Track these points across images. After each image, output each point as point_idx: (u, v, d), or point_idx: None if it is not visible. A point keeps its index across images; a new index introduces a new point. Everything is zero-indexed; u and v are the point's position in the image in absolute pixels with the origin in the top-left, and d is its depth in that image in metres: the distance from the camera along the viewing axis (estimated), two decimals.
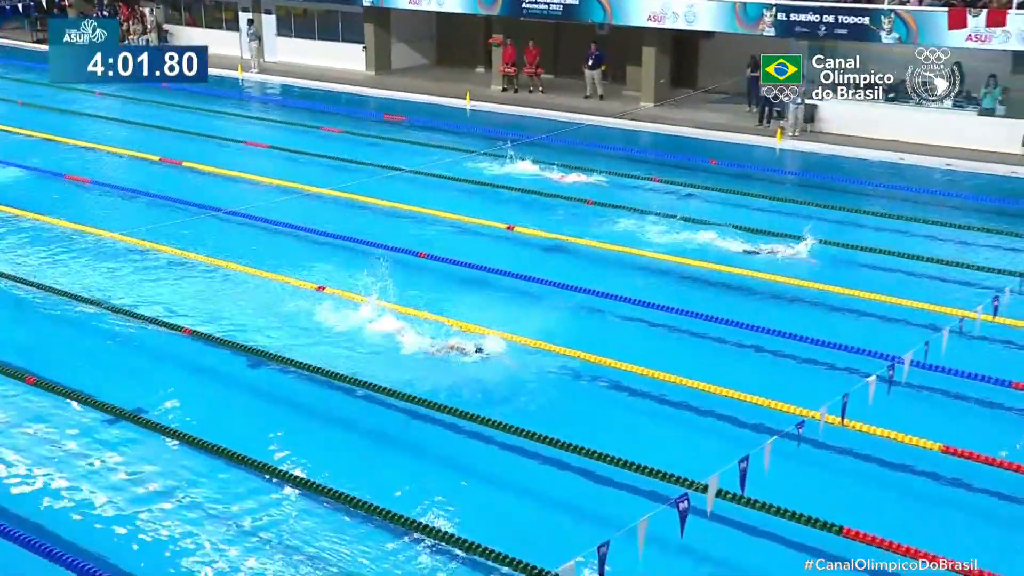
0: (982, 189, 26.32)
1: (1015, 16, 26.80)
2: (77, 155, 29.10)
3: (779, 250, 21.40)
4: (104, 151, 29.54)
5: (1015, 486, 12.99)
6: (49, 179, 26.54)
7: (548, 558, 10.85)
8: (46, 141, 30.48)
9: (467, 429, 14.38)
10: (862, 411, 13.46)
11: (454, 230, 22.93)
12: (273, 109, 36.92)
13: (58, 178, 26.48)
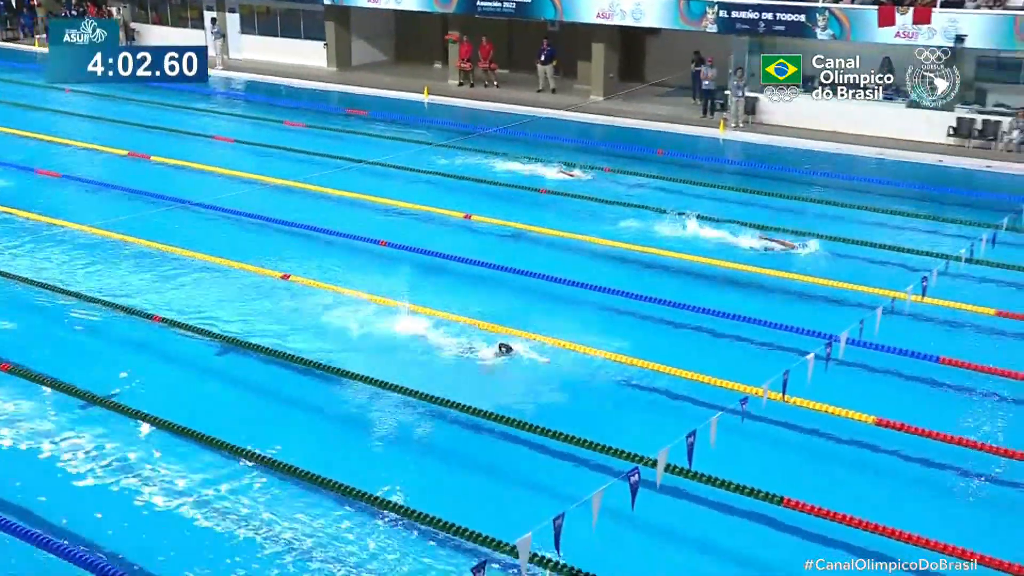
0: (911, 176, 26.57)
1: (939, 14, 27.07)
2: (48, 150, 28.76)
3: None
4: (74, 146, 29.19)
5: (944, 455, 13.20)
6: (20, 174, 26.21)
7: (506, 531, 10.92)
8: (16, 137, 30.07)
9: (420, 408, 14.43)
10: (801, 387, 13.59)
11: (414, 219, 22.90)
12: (238, 104, 36.68)
13: (29, 172, 26.18)
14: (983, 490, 12.68)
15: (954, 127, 28.39)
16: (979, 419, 14.30)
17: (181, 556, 11.37)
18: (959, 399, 14.88)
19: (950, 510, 12.26)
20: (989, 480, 12.82)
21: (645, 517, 11.29)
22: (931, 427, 13.53)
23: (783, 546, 11.70)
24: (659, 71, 35.88)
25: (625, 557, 11.24)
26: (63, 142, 29.54)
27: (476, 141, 29.37)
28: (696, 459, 11.48)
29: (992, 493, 12.63)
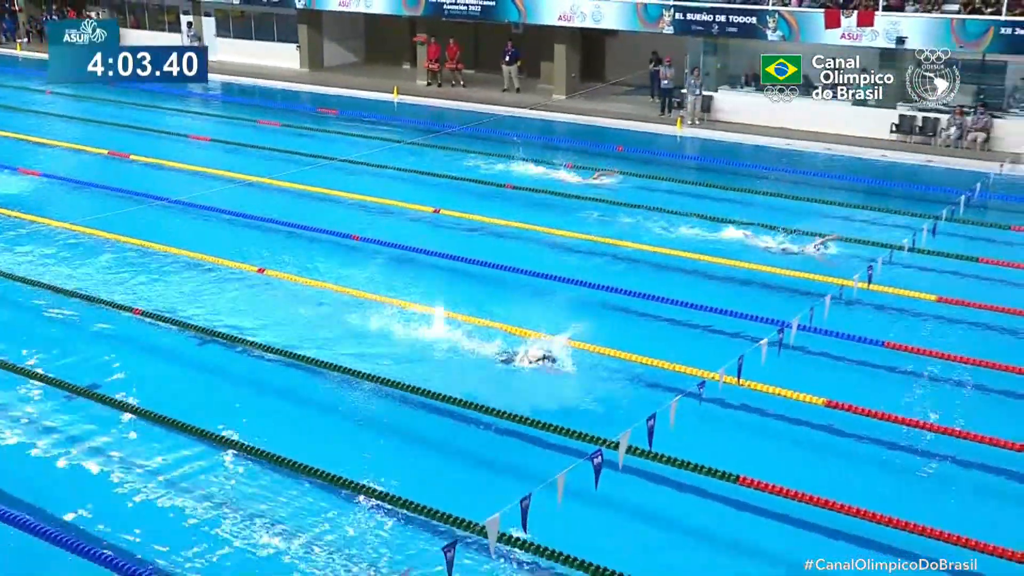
0: (857, 171, 26.73)
1: (881, 17, 27.26)
2: (29, 150, 28.47)
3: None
4: (56, 146, 28.91)
5: (889, 434, 13.33)
6: (2, 173, 25.93)
7: (475, 511, 10.94)
8: None
9: (391, 395, 14.44)
10: (756, 371, 13.70)
11: (384, 213, 22.85)
12: (214, 105, 36.44)
13: (11, 171, 25.92)
14: (926, 465, 12.80)
15: (896, 124, 28.60)
16: (922, 400, 14.42)
17: (164, 540, 11.33)
18: (903, 381, 14.99)
19: (896, 486, 12.37)
20: (931, 456, 12.95)
21: (608, 496, 11.35)
22: (877, 408, 13.64)
23: (739, 521, 11.79)
24: (618, 71, 35.93)
25: (589, 534, 11.25)
26: (45, 142, 29.26)
27: (444, 139, 29.33)
28: (656, 440, 11.55)
29: (934, 468, 12.75)
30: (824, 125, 29.29)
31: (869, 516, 11.39)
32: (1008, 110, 27.62)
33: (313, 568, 10.91)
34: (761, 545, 11.41)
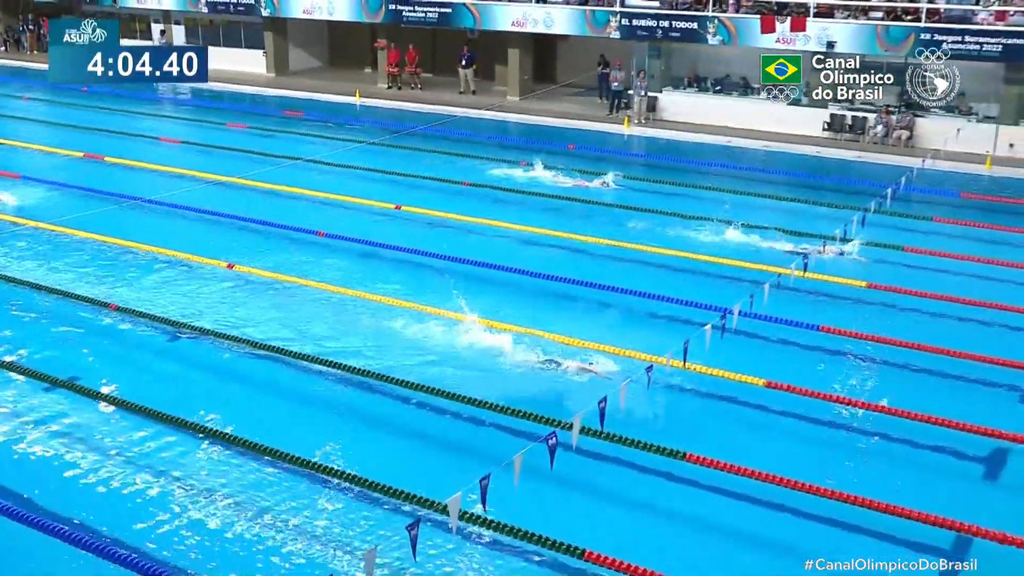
0: (793, 166, 26.90)
1: (812, 23, 27.42)
2: (7, 154, 27.97)
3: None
4: (33, 149, 28.43)
5: (824, 412, 13.42)
6: None
7: (438, 491, 10.88)
8: None
9: (356, 382, 14.38)
10: (700, 355, 13.74)
11: (348, 210, 22.69)
12: (184, 108, 36.02)
13: None
14: (858, 441, 12.90)
15: (828, 122, 28.81)
16: (854, 379, 14.53)
17: (141, 523, 11.22)
18: (837, 362, 15.11)
19: (831, 459, 12.43)
20: (862, 432, 13.05)
21: (563, 475, 11.32)
22: (813, 387, 13.77)
23: (685, 496, 11.83)
24: (569, 73, 35.91)
25: (545, 511, 11.24)
26: (22, 146, 28.77)
27: (404, 139, 29.19)
28: (608, 421, 11.56)
29: (865, 442, 12.85)
30: (761, 123, 29.45)
31: (805, 487, 11.47)
32: (929, 110, 27.88)
33: (282, 547, 10.83)
34: (704, 515, 11.50)
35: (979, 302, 16.93)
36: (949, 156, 25.82)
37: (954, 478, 12.25)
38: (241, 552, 10.79)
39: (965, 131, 26.62)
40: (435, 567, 10.47)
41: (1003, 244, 20.06)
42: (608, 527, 11.26)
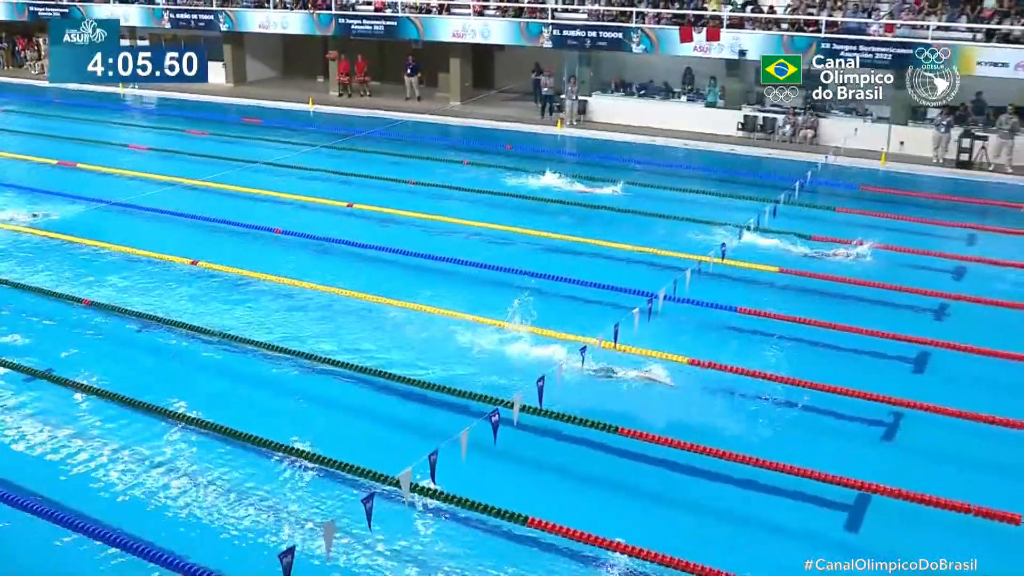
0: (710, 163, 27.10)
1: (726, 33, 27.61)
2: None
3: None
4: (8, 158, 27.69)
5: (742, 385, 13.55)
6: None
7: (389, 466, 10.83)
8: None
9: (317, 369, 14.24)
10: (629, 336, 13.80)
11: (304, 209, 22.44)
12: (150, 117, 35.37)
13: None
14: (772, 410, 13.05)
15: (742, 123, 29.04)
16: (769, 355, 14.67)
17: (117, 505, 11.08)
18: (754, 340, 15.26)
19: (749, 428, 12.54)
20: (776, 403, 13.20)
21: (506, 449, 11.33)
22: (732, 363, 13.89)
23: (619, 466, 11.91)
24: (506, 80, 35.88)
25: (490, 483, 11.24)
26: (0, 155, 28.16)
27: (355, 142, 28.97)
28: (546, 399, 11.58)
29: (779, 413, 13.01)
30: (682, 124, 29.60)
31: (726, 455, 11.58)
32: (830, 111, 28.22)
33: (245, 522, 10.74)
34: (634, 482, 11.59)
35: (877, 283, 17.20)
36: (849, 153, 26.16)
37: (856, 441, 12.45)
38: (206, 527, 10.70)
39: (862, 130, 26.99)
40: (390, 537, 10.45)
41: (897, 231, 20.37)
42: (549, 496, 11.29)
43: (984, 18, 25.31)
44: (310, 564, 9.86)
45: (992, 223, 21.12)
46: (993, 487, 11.10)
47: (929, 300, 16.69)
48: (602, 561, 10.11)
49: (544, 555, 10.25)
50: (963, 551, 10.19)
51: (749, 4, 28.38)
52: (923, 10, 26.14)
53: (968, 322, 15.84)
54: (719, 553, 10.03)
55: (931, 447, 12.26)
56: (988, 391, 13.36)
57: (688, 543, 10.21)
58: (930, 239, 19.90)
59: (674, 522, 10.89)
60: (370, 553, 10.25)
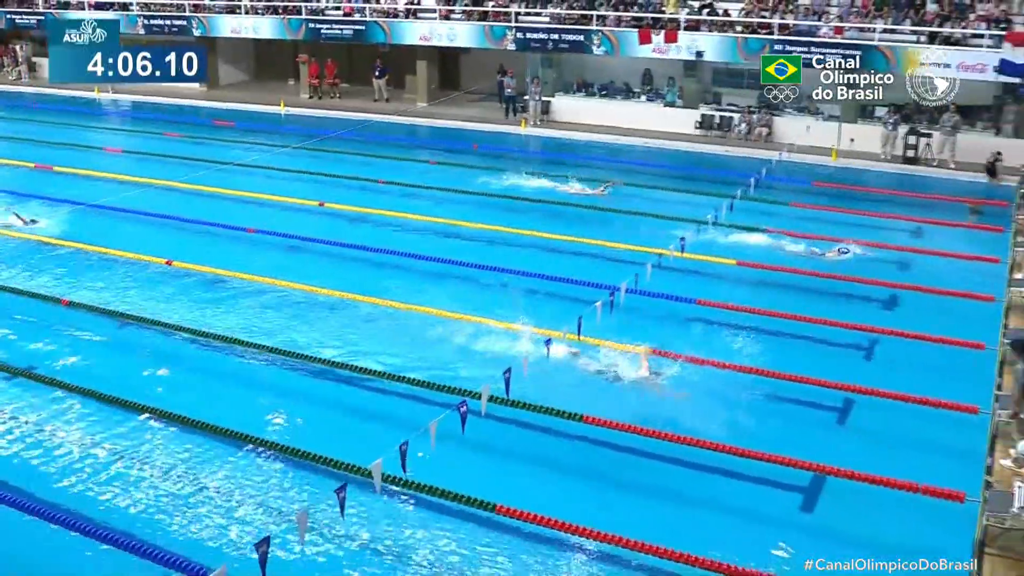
0: (669, 160, 27.16)
1: (683, 35, 27.68)
2: None
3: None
4: None
5: (702, 374, 13.59)
6: None
7: (361, 457, 10.79)
8: None
9: (284, 363, 14.16)
10: (592, 328, 13.83)
11: (276, 209, 22.27)
12: (125, 121, 34.95)
13: None
14: (731, 397, 13.06)
15: (699, 121, 29.14)
16: (727, 344, 14.75)
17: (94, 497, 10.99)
18: (712, 330, 15.35)
19: (709, 414, 12.49)
20: (735, 389, 13.25)
21: (474, 439, 11.31)
22: (692, 352, 13.94)
23: (583, 453, 11.94)
24: (471, 81, 35.81)
25: (460, 472, 11.22)
26: None
27: (325, 143, 28.82)
28: (512, 389, 11.58)
29: (737, 399, 13.04)
30: (642, 123, 29.65)
31: (686, 440, 11.64)
32: (783, 110, 28.40)
33: (220, 513, 10.69)
34: (598, 468, 11.64)
35: (830, 274, 17.35)
36: (801, 150, 26.32)
37: (811, 425, 12.56)
38: (183, 518, 10.63)
39: (814, 128, 27.18)
40: (362, 525, 10.42)
41: (848, 224, 20.53)
42: (516, 483, 11.31)
43: (927, 21, 25.58)
44: (286, 553, 9.81)
45: (937, 216, 21.35)
46: (939, 467, 11.23)
47: (879, 290, 16.86)
48: (569, 546, 10.14)
49: (513, 541, 10.26)
50: (911, 528, 10.35)
51: (705, 7, 28.48)
52: (870, 13, 26.36)
53: (915, 310, 16.02)
54: (681, 535, 10.07)
55: (881, 430, 12.40)
56: (934, 376, 13.52)
57: (651, 526, 10.26)
58: (879, 231, 20.08)
59: (638, 507, 10.92)
60: (343, 541, 10.22)
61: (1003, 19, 24.68)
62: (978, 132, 25.69)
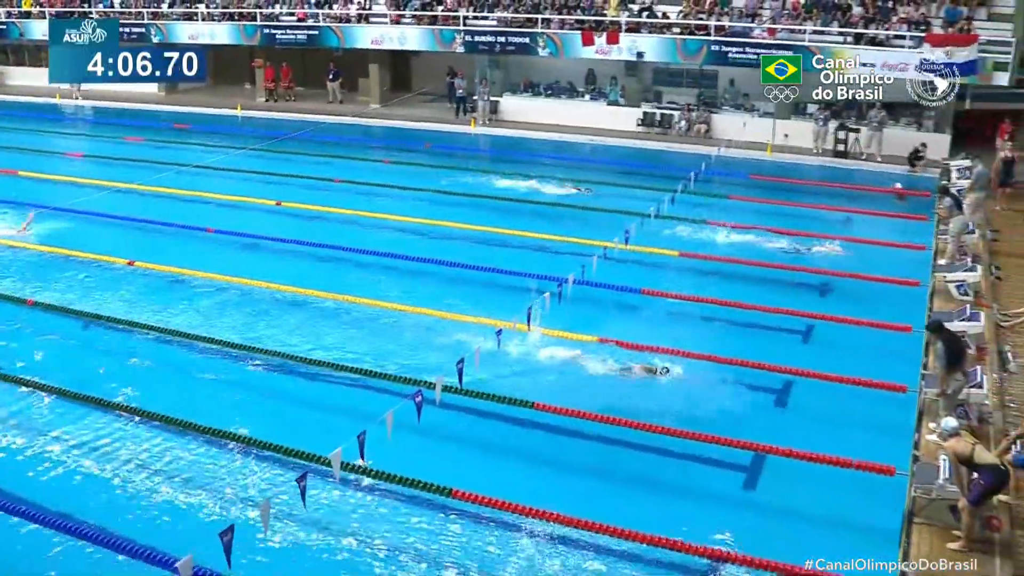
0: (613, 156, 27.23)
1: (625, 37, 27.75)
2: None
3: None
4: None
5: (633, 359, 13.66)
6: None
7: (321, 446, 10.68)
8: None
9: (245, 358, 13.99)
10: (541, 318, 13.81)
11: (235, 209, 21.94)
12: (86, 126, 34.18)
13: None
14: (677, 383, 13.19)
15: (641, 119, 29.25)
16: (670, 331, 14.68)
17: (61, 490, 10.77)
18: (656, 318, 15.36)
19: (653, 399, 12.63)
20: (681, 375, 13.35)
21: (430, 427, 11.26)
22: (637, 340, 14.00)
23: (534, 438, 11.95)
24: (422, 83, 35.60)
25: (417, 459, 11.17)
26: None
27: (281, 144, 28.47)
28: (465, 379, 11.55)
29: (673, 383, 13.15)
30: (586, 121, 29.69)
31: (633, 424, 11.69)
32: (721, 107, 28.61)
33: (186, 504, 10.56)
34: (549, 453, 11.67)
35: (763, 263, 17.53)
36: (739, 145, 26.55)
37: (751, 407, 12.66)
38: (149, 509, 10.51)
39: (750, 124, 27.41)
40: (323, 512, 10.33)
41: (783, 215, 20.75)
42: (471, 469, 11.28)
43: (852, 23, 25.90)
44: (249, 540, 9.68)
45: (865, 206, 21.65)
46: (871, 443, 11.39)
47: (814, 277, 17.05)
48: (521, 527, 10.14)
49: (469, 524, 10.24)
50: (847, 501, 10.49)
51: (645, 10, 28.57)
52: (800, 16, 26.64)
53: (848, 296, 16.22)
54: (630, 514, 10.11)
55: (818, 410, 12.55)
56: (866, 357, 13.69)
57: (600, 507, 10.29)
58: (813, 222, 20.30)
59: (587, 489, 10.96)
60: (305, 528, 10.13)
61: (923, 21, 25.11)
62: (902, 127, 26.09)
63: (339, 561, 9.73)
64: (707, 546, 9.59)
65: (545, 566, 9.66)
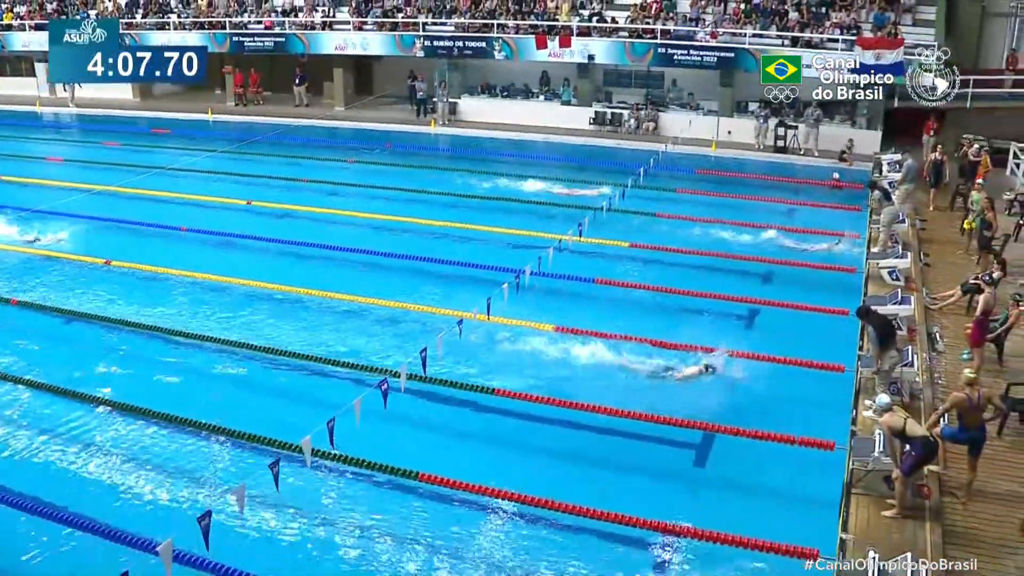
0: (568, 153, 27.15)
1: (576, 40, 27.68)
2: None
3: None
4: None
5: (606, 346, 13.62)
6: None
7: (291, 434, 10.51)
8: None
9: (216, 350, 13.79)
10: (500, 308, 13.74)
11: (207, 208, 21.58)
12: (66, 132, 33.41)
13: None
14: (630, 367, 13.15)
15: (593, 118, 29.21)
16: (623, 318, 14.70)
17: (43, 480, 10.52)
18: (610, 306, 15.38)
19: (607, 384, 12.59)
20: (631, 359, 13.32)
21: (396, 414, 11.15)
22: (592, 328, 13.96)
23: (496, 423, 11.91)
24: (384, 86, 35.26)
25: (384, 445, 11.07)
26: None
27: (252, 146, 28.05)
28: (429, 368, 11.44)
29: (631, 368, 13.13)
30: (541, 120, 29.60)
31: (591, 408, 11.65)
32: (668, 106, 28.66)
33: (164, 491, 10.41)
34: (512, 436, 11.65)
35: (710, 252, 17.58)
36: (685, 142, 26.60)
37: (699, 389, 12.66)
38: (129, 497, 10.36)
39: (695, 122, 27.47)
40: (295, 496, 10.19)
41: (728, 207, 20.81)
42: (436, 453, 11.20)
43: (789, 28, 26.08)
44: (226, 525, 9.52)
45: (804, 198, 21.81)
46: (812, 420, 11.45)
47: (756, 265, 17.12)
48: (484, 506, 10.08)
49: (435, 505, 10.16)
50: (792, 475, 10.54)
51: (595, 15, 28.52)
52: (740, 20, 26.75)
53: (788, 282, 16.32)
54: (589, 492, 10.09)
55: (761, 390, 12.57)
56: (806, 340, 13.76)
57: (558, 486, 10.26)
58: (755, 213, 20.39)
59: (546, 468, 10.93)
60: (279, 511, 10.01)
61: (854, 26, 25.34)
62: (836, 124, 26.31)
63: (312, 541, 9.62)
64: (661, 520, 9.58)
65: (508, 543, 9.61)
